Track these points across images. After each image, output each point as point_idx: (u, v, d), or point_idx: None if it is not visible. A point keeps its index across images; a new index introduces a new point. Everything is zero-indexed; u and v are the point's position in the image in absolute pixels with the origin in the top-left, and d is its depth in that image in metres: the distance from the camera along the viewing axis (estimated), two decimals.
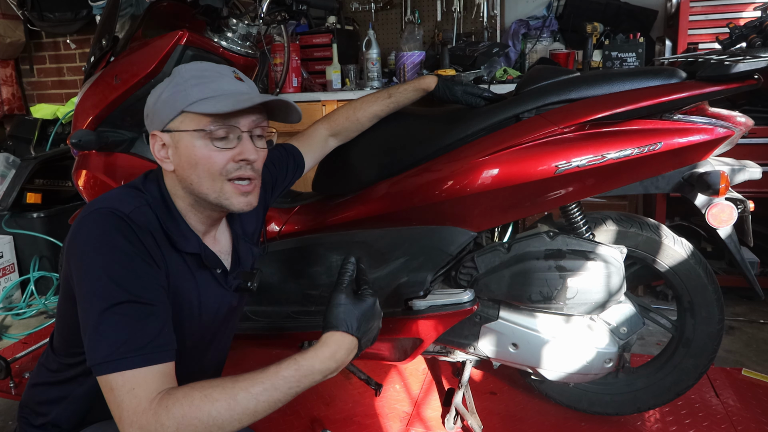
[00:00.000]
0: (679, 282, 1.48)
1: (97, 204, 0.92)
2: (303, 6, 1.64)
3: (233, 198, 0.98)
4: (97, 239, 0.88)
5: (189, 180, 0.97)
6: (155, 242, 0.93)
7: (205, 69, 0.98)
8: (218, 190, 0.97)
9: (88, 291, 0.86)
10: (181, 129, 0.95)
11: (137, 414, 0.80)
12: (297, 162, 1.36)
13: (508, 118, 1.34)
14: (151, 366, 0.83)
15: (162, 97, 0.96)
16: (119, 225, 0.89)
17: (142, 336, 0.84)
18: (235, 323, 1.21)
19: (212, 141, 0.94)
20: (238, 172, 0.97)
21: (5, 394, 1.95)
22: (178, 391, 0.82)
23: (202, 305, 1.03)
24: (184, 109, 0.94)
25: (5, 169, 3.07)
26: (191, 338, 1.03)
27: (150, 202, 0.97)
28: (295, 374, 0.86)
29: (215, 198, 0.97)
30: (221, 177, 0.96)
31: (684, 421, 1.68)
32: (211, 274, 1.05)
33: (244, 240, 1.15)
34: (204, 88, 0.94)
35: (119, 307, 0.84)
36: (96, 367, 0.83)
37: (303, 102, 2.73)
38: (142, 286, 0.87)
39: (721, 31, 2.18)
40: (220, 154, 0.95)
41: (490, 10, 2.96)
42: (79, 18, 3.48)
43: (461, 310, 1.39)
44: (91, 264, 0.86)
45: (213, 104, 0.93)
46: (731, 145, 1.32)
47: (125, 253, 0.88)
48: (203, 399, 0.81)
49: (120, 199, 0.94)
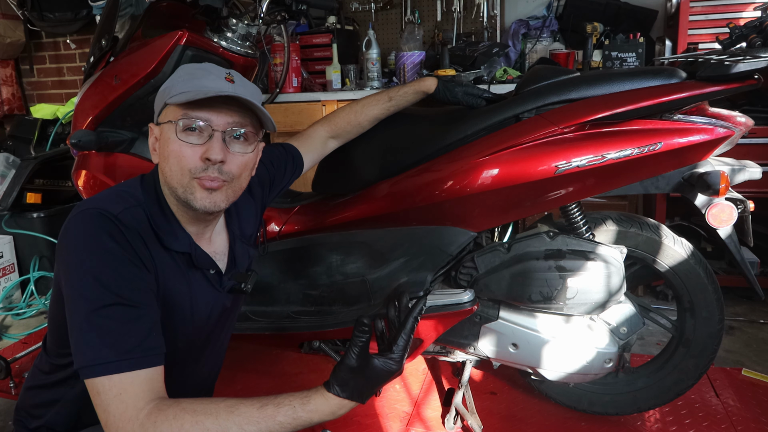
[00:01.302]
0: (679, 282, 1.48)
1: (86, 204, 0.91)
2: (303, 6, 1.64)
3: (196, 192, 0.94)
4: (84, 240, 0.87)
5: (164, 172, 0.96)
6: (144, 244, 0.92)
7: (199, 68, 0.98)
8: (185, 185, 0.94)
9: (75, 292, 0.85)
10: (162, 121, 0.97)
11: (123, 421, 0.79)
12: (296, 162, 1.36)
13: (508, 118, 1.34)
14: (138, 370, 0.82)
15: (158, 91, 0.99)
16: (107, 226, 0.88)
17: (128, 339, 0.83)
18: (231, 325, 1.20)
19: (183, 134, 0.93)
20: (205, 172, 0.93)
21: (5, 394, 1.95)
22: (170, 409, 0.80)
23: (194, 306, 1.02)
24: (166, 101, 0.95)
25: (5, 169, 3.06)
26: (183, 340, 1.02)
27: (142, 203, 0.96)
28: (292, 423, 0.83)
29: (182, 193, 0.94)
30: (189, 173, 0.93)
31: (684, 421, 1.68)
32: (203, 275, 1.03)
33: (241, 241, 1.14)
34: (187, 83, 0.94)
35: (106, 310, 0.83)
36: (82, 371, 0.82)
37: (303, 102, 2.73)
38: (130, 288, 0.86)
39: (721, 31, 2.18)
40: (189, 149, 0.93)
41: (490, 10, 2.96)
42: (79, 18, 3.48)
43: (461, 310, 1.39)
44: (78, 265, 0.86)
45: (184, 96, 0.92)
46: (731, 145, 1.32)
47: (113, 254, 0.87)
48: (194, 425, 0.79)
49: (110, 199, 0.93)
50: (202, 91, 0.91)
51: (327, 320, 1.54)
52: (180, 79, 0.95)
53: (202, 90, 0.92)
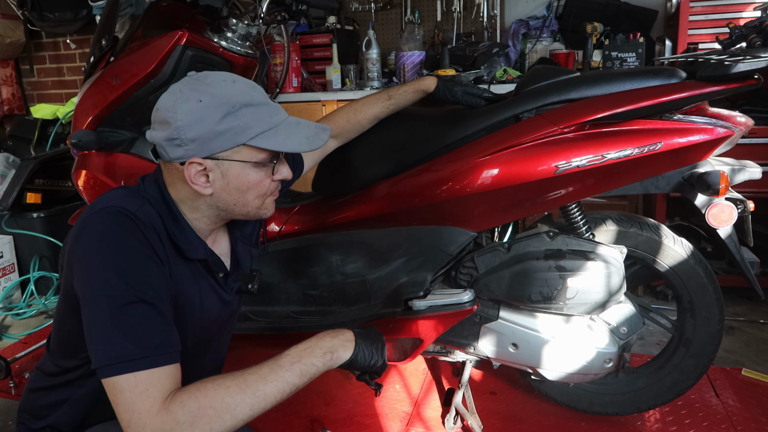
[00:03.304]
0: (679, 282, 1.48)
1: (102, 203, 0.91)
2: (303, 6, 1.64)
3: (270, 207, 1.03)
4: (107, 239, 0.87)
5: (231, 202, 0.98)
6: (160, 241, 0.93)
7: (248, 92, 0.95)
8: (259, 205, 1.01)
9: (96, 291, 0.84)
10: (235, 159, 0.94)
11: (151, 415, 0.79)
12: (296, 162, 1.36)
13: (508, 118, 1.34)
14: (164, 366, 0.83)
15: (215, 128, 0.91)
16: (127, 223, 0.88)
17: (153, 336, 0.84)
18: (233, 324, 1.21)
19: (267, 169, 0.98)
20: (277, 188, 1.03)
21: (5, 394, 1.95)
22: (191, 387, 0.84)
23: (204, 309, 1.02)
24: (246, 142, 0.93)
25: (5, 169, 3.07)
26: (192, 340, 1.03)
27: (152, 203, 0.96)
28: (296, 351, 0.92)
29: (254, 214, 1.01)
30: (265, 196, 1.00)
31: (684, 421, 1.68)
32: (213, 278, 1.04)
33: (242, 242, 1.14)
34: (259, 117, 0.93)
35: (130, 307, 0.83)
36: (105, 369, 0.81)
37: (303, 102, 2.73)
38: (150, 286, 0.87)
39: (721, 31, 2.18)
40: (269, 178, 0.99)
41: (490, 10, 2.96)
42: (79, 18, 3.47)
43: (461, 310, 1.39)
44: (99, 263, 0.85)
45: (282, 140, 0.95)
46: (731, 145, 1.32)
47: (135, 251, 0.87)
48: (216, 388, 0.83)
49: (124, 197, 0.93)
50: (300, 133, 0.98)
51: (327, 320, 1.54)
52: (247, 116, 0.92)
53: (293, 130, 0.97)
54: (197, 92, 0.91)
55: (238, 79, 0.96)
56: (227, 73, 0.97)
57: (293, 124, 0.98)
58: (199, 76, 0.95)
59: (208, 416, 0.81)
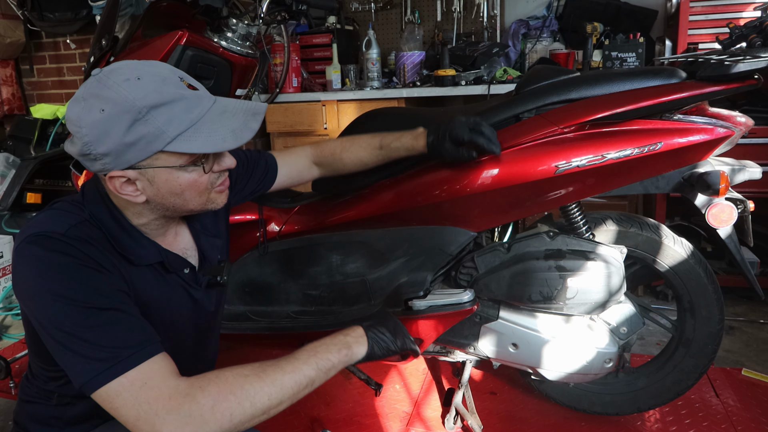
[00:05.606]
0: (679, 282, 1.48)
1: (25, 232, 0.86)
2: (303, 6, 1.64)
3: (218, 199, 0.97)
4: (36, 268, 0.82)
5: (169, 205, 0.92)
6: (102, 254, 0.87)
7: (156, 89, 0.83)
8: (204, 201, 0.95)
9: (47, 322, 0.81)
10: (157, 165, 0.86)
11: (162, 400, 0.78)
12: (268, 168, 1.31)
13: (508, 118, 1.34)
14: (152, 358, 0.81)
15: (123, 140, 0.82)
16: (54, 245, 0.83)
17: (126, 337, 0.81)
18: (218, 322, 1.18)
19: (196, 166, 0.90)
20: (221, 178, 0.96)
21: (5, 394, 1.95)
22: (209, 374, 0.83)
23: (173, 310, 1.00)
24: (163, 149, 0.84)
25: (5, 169, 3.06)
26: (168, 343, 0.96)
27: (90, 218, 0.91)
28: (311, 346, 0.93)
29: (201, 208, 0.96)
30: (207, 191, 0.94)
31: (684, 421, 1.68)
32: (178, 276, 1.01)
33: (203, 234, 1.09)
34: (173, 118, 0.83)
35: (86, 322, 0.80)
36: (90, 383, 0.78)
37: (303, 102, 2.73)
38: (99, 294, 0.83)
39: (721, 31, 2.18)
40: (205, 174, 0.92)
41: (490, 10, 2.96)
42: (79, 18, 3.48)
43: (461, 310, 1.39)
44: (39, 295, 0.82)
45: (203, 141, 0.85)
46: (731, 145, 1.32)
47: (68, 268, 0.83)
48: (236, 376, 0.83)
49: (51, 220, 0.88)
50: (225, 127, 0.88)
51: (327, 320, 1.54)
52: (157, 118, 0.83)
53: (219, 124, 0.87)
54: (99, 100, 0.82)
55: (144, 73, 0.84)
56: (132, 68, 0.86)
57: (217, 114, 0.88)
58: (101, 77, 0.84)
59: (229, 401, 0.80)
